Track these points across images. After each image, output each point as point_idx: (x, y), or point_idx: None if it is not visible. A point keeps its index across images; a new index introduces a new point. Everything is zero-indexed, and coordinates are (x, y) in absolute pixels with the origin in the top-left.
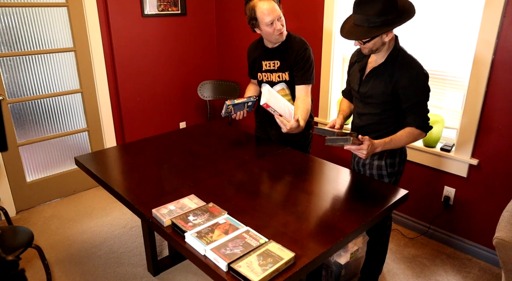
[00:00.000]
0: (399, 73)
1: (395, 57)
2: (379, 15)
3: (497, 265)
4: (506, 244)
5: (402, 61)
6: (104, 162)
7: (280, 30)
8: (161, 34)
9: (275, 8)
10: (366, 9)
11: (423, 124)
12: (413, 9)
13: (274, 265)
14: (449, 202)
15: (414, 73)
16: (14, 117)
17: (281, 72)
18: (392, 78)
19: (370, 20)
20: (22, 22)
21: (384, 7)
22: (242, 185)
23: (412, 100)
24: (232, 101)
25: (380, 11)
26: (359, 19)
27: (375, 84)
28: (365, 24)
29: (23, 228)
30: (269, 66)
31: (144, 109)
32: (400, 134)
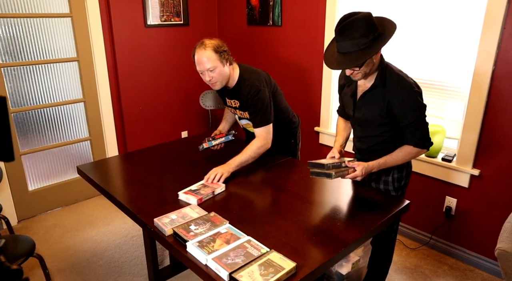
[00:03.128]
0: (391, 94)
1: (383, 78)
2: (365, 35)
3: (499, 276)
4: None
5: (391, 81)
6: (106, 171)
7: (209, 82)
8: (164, 44)
9: (208, 60)
10: (352, 33)
11: (420, 142)
12: (391, 22)
13: (276, 275)
14: (450, 212)
15: (405, 93)
16: (17, 126)
17: (242, 111)
18: (384, 100)
19: (360, 43)
20: (27, 32)
21: (367, 27)
22: (243, 195)
23: (408, 120)
24: (210, 143)
25: (365, 31)
26: (347, 46)
27: (369, 108)
28: (355, 48)
29: (24, 237)
30: (231, 104)
31: (146, 119)
32: (396, 154)
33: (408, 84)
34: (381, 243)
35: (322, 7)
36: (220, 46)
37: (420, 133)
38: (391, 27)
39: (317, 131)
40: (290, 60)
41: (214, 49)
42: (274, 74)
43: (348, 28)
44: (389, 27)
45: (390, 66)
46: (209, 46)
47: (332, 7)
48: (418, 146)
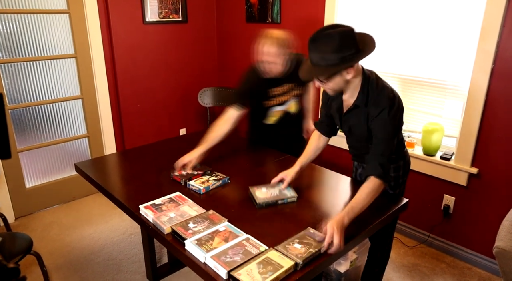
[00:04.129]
0: (370, 110)
1: (365, 96)
2: (336, 52)
3: (497, 275)
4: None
5: (371, 98)
6: (104, 168)
7: (265, 72)
8: (162, 41)
9: (272, 53)
10: (322, 47)
11: (383, 171)
12: (373, 43)
13: (274, 273)
14: (449, 210)
15: (378, 110)
16: (14, 123)
17: (296, 90)
18: (366, 116)
19: (327, 58)
20: (24, 28)
21: (340, 44)
22: (242, 193)
23: (376, 137)
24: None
25: (336, 48)
26: (315, 58)
27: (353, 125)
28: (321, 62)
29: (22, 235)
30: (280, 91)
31: (144, 116)
32: (360, 196)
33: (386, 101)
34: (379, 239)
35: (322, 5)
36: (285, 41)
37: (382, 160)
38: (366, 48)
39: None
40: None
41: (279, 45)
42: None
43: (320, 41)
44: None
45: (372, 81)
46: (276, 41)
47: (331, 4)
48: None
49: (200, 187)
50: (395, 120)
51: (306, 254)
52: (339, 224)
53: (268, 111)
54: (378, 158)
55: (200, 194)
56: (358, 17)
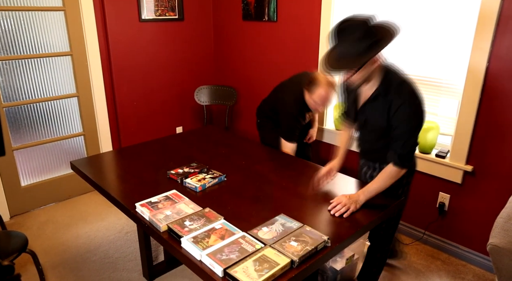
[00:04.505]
0: (391, 101)
1: (386, 87)
2: (363, 39)
3: (491, 271)
4: (500, 250)
5: (393, 89)
6: (100, 166)
7: (317, 110)
8: (158, 39)
9: (331, 98)
10: (349, 37)
11: (399, 160)
12: (394, 28)
13: (270, 270)
14: (444, 208)
15: (400, 102)
16: (9, 121)
17: None
18: (385, 108)
19: (356, 47)
20: (19, 26)
21: (366, 31)
22: (238, 191)
23: (398, 130)
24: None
25: (362, 36)
26: (343, 50)
27: (371, 116)
28: (352, 51)
29: (17, 233)
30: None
31: (140, 114)
32: (378, 178)
33: (408, 93)
34: (379, 239)
35: (318, 3)
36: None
37: (401, 150)
38: (390, 33)
39: None
40: (285, 56)
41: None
42: (270, 70)
43: (344, 32)
44: (389, 33)
45: (393, 72)
46: (334, 88)
47: (327, 3)
48: (396, 165)
49: (197, 185)
50: (417, 115)
51: (302, 251)
52: (353, 198)
53: None
54: (400, 146)
55: (197, 192)
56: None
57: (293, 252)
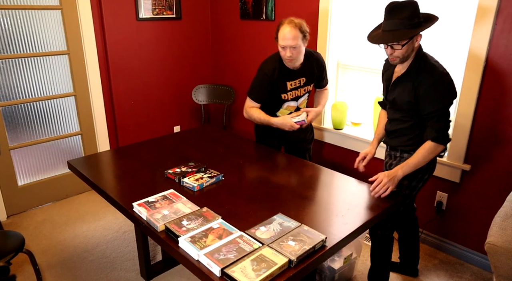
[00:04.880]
0: (420, 80)
1: (418, 65)
2: (412, 17)
3: (488, 270)
4: (497, 249)
5: (424, 68)
6: (97, 166)
7: (288, 58)
8: (156, 38)
9: (294, 37)
10: (399, 13)
11: (438, 136)
12: (434, 15)
13: (268, 270)
14: (441, 207)
15: (433, 80)
16: (6, 120)
17: (307, 86)
18: (414, 85)
19: (405, 23)
20: (15, 24)
21: (413, 11)
22: (236, 190)
23: (430, 108)
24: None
25: (411, 14)
26: (393, 24)
27: (399, 92)
28: (400, 27)
29: (14, 233)
30: (295, 85)
31: (138, 113)
32: (417, 153)
33: (439, 73)
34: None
35: (316, 2)
36: (306, 27)
37: (438, 126)
38: (433, 17)
39: None
40: None
41: (300, 29)
42: None
43: (396, 9)
44: (432, 17)
45: (426, 55)
46: (298, 25)
47: (325, 1)
48: (435, 140)
49: (194, 185)
50: (448, 95)
51: (300, 251)
52: (391, 175)
53: (283, 104)
54: (434, 125)
55: (194, 192)
56: (353, 14)
57: (291, 252)
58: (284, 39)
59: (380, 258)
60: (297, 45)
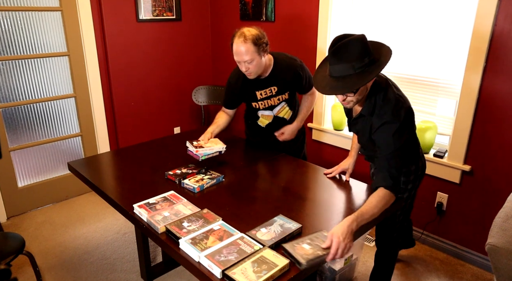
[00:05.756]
0: (372, 122)
1: (372, 106)
2: (361, 58)
3: (489, 271)
4: (498, 250)
5: (377, 108)
6: (98, 167)
7: (245, 72)
8: (156, 39)
9: (247, 51)
10: (346, 55)
11: (393, 183)
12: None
13: (269, 271)
14: (442, 208)
15: (383, 122)
16: (6, 122)
17: (281, 95)
18: (368, 126)
19: (355, 66)
20: (16, 26)
21: (363, 49)
22: (236, 191)
23: (381, 151)
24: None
25: (361, 53)
26: (341, 69)
27: (359, 132)
28: (350, 71)
29: (14, 234)
30: (266, 94)
31: (138, 114)
32: (371, 204)
33: (391, 115)
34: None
35: (316, 3)
36: (260, 37)
37: (390, 172)
38: (386, 52)
39: (310, 127)
40: None
41: (254, 42)
42: None
43: (342, 51)
44: (385, 52)
45: (381, 91)
46: (249, 39)
47: (325, 3)
48: (389, 189)
49: (195, 186)
50: (400, 137)
51: (311, 256)
52: (345, 232)
53: (257, 113)
54: (387, 170)
55: (195, 193)
56: (352, 15)
57: (302, 255)
58: (236, 54)
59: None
60: (251, 60)
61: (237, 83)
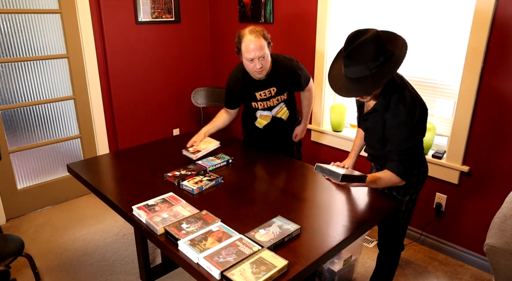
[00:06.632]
0: (386, 118)
1: (386, 101)
2: (376, 57)
3: (488, 271)
4: (496, 250)
5: (392, 104)
6: (97, 169)
7: (259, 70)
8: (155, 41)
9: (261, 46)
10: (361, 56)
11: (405, 173)
12: (401, 39)
13: (267, 273)
14: (440, 208)
15: (398, 120)
16: (5, 124)
17: (280, 95)
18: (382, 121)
19: (370, 66)
20: (15, 28)
21: (377, 48)
22: (235, 193)
23: (393, 146)
24: None
25: (375, 53)
26: (356, 71)
27: (370, 127)
28: (366, 73)
29: (13, 236)
30: (265, 95)
31: (137, 116)
32: (384, 176)
33: (406, 114)
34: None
35: (314, 5)
36: (267, 34)
37: (406, 163)
38: (402, 45)
39: (309, 128)
40: None
41: (264, 37)
42: None
43: (356, 52)
44: (400, 45)
45: (396, 87)
46: (260, 33)
47: (323, 4)
48: (401, 177)
49: (193, 188)
50: (414, 136)
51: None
52: None
53: (256, 113)
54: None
55: (193, 195)
56: (350, 16)
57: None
58: (250, 51)
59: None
60: (265, 54)
61: (236, 84)
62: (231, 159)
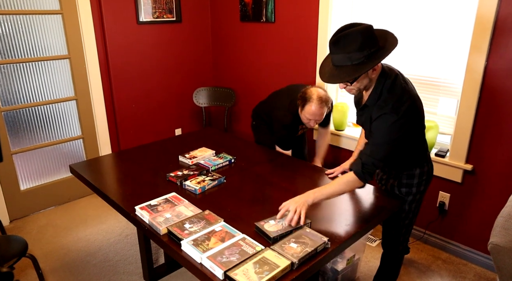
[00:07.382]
0: (373, 110)
1: (377, 97)
2: (360, 49)
3: (492, 270)
4: (500, 249)
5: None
6: (99, 169)
7: (309, 125)
8: (156, 41)
9: (322, 114)
10: (346, 46)
11: (362, 170)
12: (395, 38)
13: (271, 272)
14: (444, 207)
15: (380, 113)
16: (8, 125)
17: None
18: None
19: (353, 57)
20: (16, 29)
21: (363, 41)
22: (238, 192)
23: (372, 139)
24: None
25: (360, 45)
26: (340, 59)
27: (364, 122)
28: (347, 62)
29: (16, 237)
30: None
31: (139, 116)
32: (334, 183)
33: (391, 108)
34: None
35: (316, 3)
36: (330, 100)
37: (367, 159)
38: (390, 45)
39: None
40: (284, 57)
41: (327, 104)
42: (268, 71)
43: (342, 40)
44: (390, 42)
45: (388, 83)
46: (325, 101)
47: (325, 3)
48: (356, 174)
49: (196, 187)
50: (394, 131)
51: (302, 253)
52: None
53: None
54: (364, 156)
55: (196, 194)
56: (352, 15)
57: (292, 254)
58: (313, 114)
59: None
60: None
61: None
62: (234, 158)
